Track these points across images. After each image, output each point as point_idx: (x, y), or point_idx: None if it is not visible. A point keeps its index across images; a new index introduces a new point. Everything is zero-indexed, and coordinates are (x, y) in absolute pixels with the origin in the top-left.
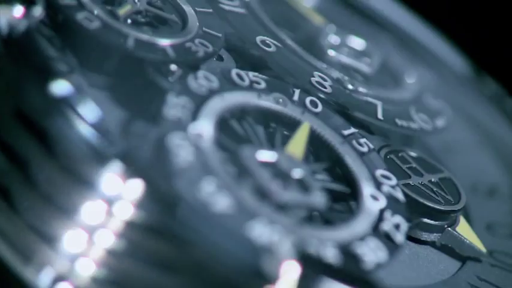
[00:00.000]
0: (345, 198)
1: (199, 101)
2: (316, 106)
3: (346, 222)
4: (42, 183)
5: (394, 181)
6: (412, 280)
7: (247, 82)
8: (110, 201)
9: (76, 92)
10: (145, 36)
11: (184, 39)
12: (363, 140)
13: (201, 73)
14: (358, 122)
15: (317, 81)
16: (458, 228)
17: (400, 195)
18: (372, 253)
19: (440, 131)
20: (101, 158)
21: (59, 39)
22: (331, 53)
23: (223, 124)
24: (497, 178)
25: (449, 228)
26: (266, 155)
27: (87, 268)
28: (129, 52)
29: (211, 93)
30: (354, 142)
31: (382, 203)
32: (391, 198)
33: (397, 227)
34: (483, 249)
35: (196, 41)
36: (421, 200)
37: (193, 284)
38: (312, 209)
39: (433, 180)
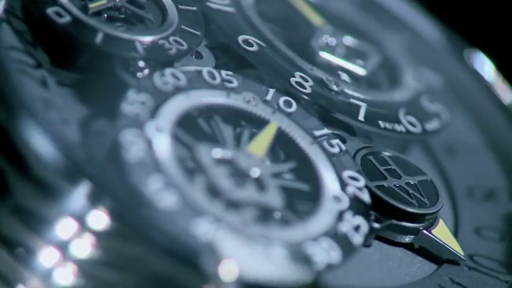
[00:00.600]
0: (306, 198)
1: (161, 98)
2: (290, 106)
3: (302, 222)
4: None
5: (362, 182)
6: (379, 281)
7: (218, 81)
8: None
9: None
10: (115, 32)
11: (158, 37)
12: (335, 141)
13: (168, 71)
14: (337, 123)
15: (297, 82)
16: (434, 231)
17: (366, 197)
18: (323, 253)
19: (429, 134)
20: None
21: (28, 33)
22: (322, 54)
23: (185, 122)
24: (497, 182)
25: (424, 231)
26: (223, 153)
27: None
28: (96, 47)
29: (177, 90)
30: (325, 143)
31: (344, 204)
32: (355, 200)
33: (356, 228)
34: (461, 252)
35: (171, 38)
36: (392, 202)
37: (135, 279)
38: (267, 208)
39: (411, 182)
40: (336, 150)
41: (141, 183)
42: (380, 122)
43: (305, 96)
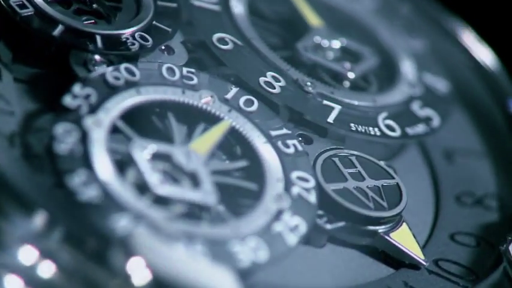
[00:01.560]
0: (247, 197)
1: (108, 93)
2: (250, 105)
3: (234, 220)
4: None
5: (311, 183)
6: (325, 282)
7: (177, 78)
8: None
9: None
10: (76, 26)
11: (121, 32)
12: (291, 142)
13: (123, 66)
14: (306, 124)
15: (266, 82)
16: (394, 234)
17: (311, 198)
18: (249, 252)
19: (410, 138)
20: None
21: None
22: (308, 54)
23: (131, 117)
24: (489, 189)
25: (382, 234)
26: (159, 148)
27: None
28: (54, 40)
29: (128, 86)
30: (280, 143)
31: (284, 204)
32: (298, 200)
33: (293, 228)
34: (421, 256)
35: (137, 34)
36: (345, 204)
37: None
38: (199, 205)
39: (374, 185)
40: (290, 150)
41: (67, 175)
42: (352, 125)
43: (271, 97)
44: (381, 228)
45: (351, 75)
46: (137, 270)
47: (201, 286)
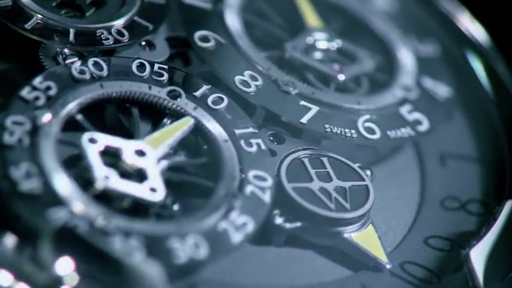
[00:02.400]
0: (198, 194)
1: (69, 86)
2: (219, 103)
3: (179, 217)
4: None
5: (269, 183)
6: (280, 280)
7: (146, 73)
8: None
9: None
10: (50, 19)
11: (97, 26)
12: (255, 141)
13: (91, 60)
14: (280, 124)
15: (242, 80)
16: (357, 236)
17: (265, 197)
18: (189, 249)
19: (391, 141)
20: None
21: None
22: (296, 55)
23: (91, 111)
24: (475, 195)
25: (344, 235)
26: (109, 142)
27: None
28: (27, 32)
29: (93, 80)
30: (242, 142)
31: (235, 202)
32: (251, 199)
33: (240, 226)
34: (383, 258)
35: (114, 29)
36: (303, 204)
37: None
38: (144, 200)
39: (340, 186)
40: (252, 149)
41: (12, 167)
42: (326, 126)
43: (245, 95)
44: (342, 230)
45: (340, 77)
46: (64, 264)
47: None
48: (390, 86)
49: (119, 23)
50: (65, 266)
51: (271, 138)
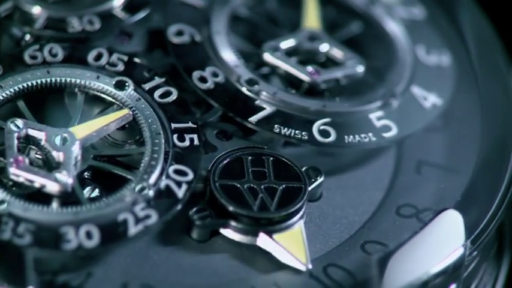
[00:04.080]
0: (115, 185)
1: (18, 70)
2: (166, 97)
3: (88, 205)
4: None
5: (189, 178)
6: (191, 277)
7: (102, 62)
8: None
9: None
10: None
11: (69, 13)
12: (189, 136)
13: (48, 46)
14: (230, 121)
15: (201, 76)
16: (280, 236)
17: (180, 192)
18: (80, 237)
19: (343, 147)
20: None
21: None
22: (277, 54)
23: (29, 97)
24: (431, 205)
25: (264, 234)
26: (32, 130)
27: None
28: None
29: (43, 65)
30: (175, 136)
31: (145, 195)
32: (163, 193)
33: (140, 219)
34: (304, 260)
35: (86, 18)
36: (222, 201)
37: None
38: (49, 188)
39: (272, 186)
40: (184, 144)
41: None
42: (276, 126)
43: (199, 90)
44: (264, 229)
45: (312, 79)
46: None
47: None
48: (371, 92)
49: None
50: None
51: (219, 135)
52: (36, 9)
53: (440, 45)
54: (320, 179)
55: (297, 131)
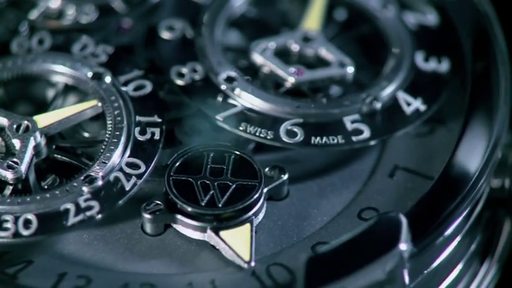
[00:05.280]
0: (67, 175)
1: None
2: (139, 90)
3: (35, 195)
4: None
5: (139, 171)
6: (142, 268)
7: (85, 53)
8: None
9: None
10: None
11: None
12: (151, 130)
13: (38, 34)
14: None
15: (179, 71)
16: (225, 233)
17: (128, 185)
18: (17, 226)
19: (310, 147)
20: None
21: None
22: (264, 53)
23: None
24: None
25: (210, 230)
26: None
27: None
28: None
29: (26, 53)
30: (137, 129)
31: (93, 187)
32: (111, 184)
33: (82, 210)
34: (246, 258)
35: (84, 8)
36: (171, 196)
37: None
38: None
39: (226, 183)
40: (144, 137)
41: None
42: (242, 124)
43: (174, 86)
44: (211, 225)
45: (291, 79)
46: None
47: None
48: (352, 94)
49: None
50: None
51: (188, 130)
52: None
53: (442, 52)
54: (283, 178)
55: (262, 130)
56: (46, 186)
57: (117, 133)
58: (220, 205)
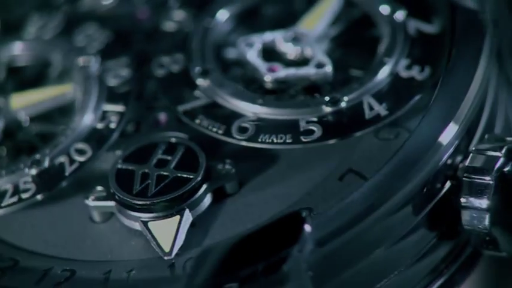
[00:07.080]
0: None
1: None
2: (116, 78)
3: None
4: None
5: (83, 157)
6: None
7: (81, 43)
8: None
9: None
10: None
11: None
12: (110, 118)
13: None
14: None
15: (159, 63)
16: (154, 223)
17: (67, 170)
18: None
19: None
20: None
21: None
22: (246, 49)
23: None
24: None
25: (141, 221)
26: None
27: None
28: None
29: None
30: (99, 115)
31: (34, 170)
32: (54, 168)
33: (18, 192)
34: (167, 250)
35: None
36: (111, 182)
37: None
38: None
39: (165, 174)
40: (101, 124)
41: None
42: (200, 116)
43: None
44: (141, 215)
45: (267, 77)
46: None
47: None
48: (317, 94)
49: None
50: None
51: (152, 121)
52: None
53: (427, 61)
54: (230, 174)
55: (215, 124)
56: None
57: (79, 118)
58: (149, 195)
